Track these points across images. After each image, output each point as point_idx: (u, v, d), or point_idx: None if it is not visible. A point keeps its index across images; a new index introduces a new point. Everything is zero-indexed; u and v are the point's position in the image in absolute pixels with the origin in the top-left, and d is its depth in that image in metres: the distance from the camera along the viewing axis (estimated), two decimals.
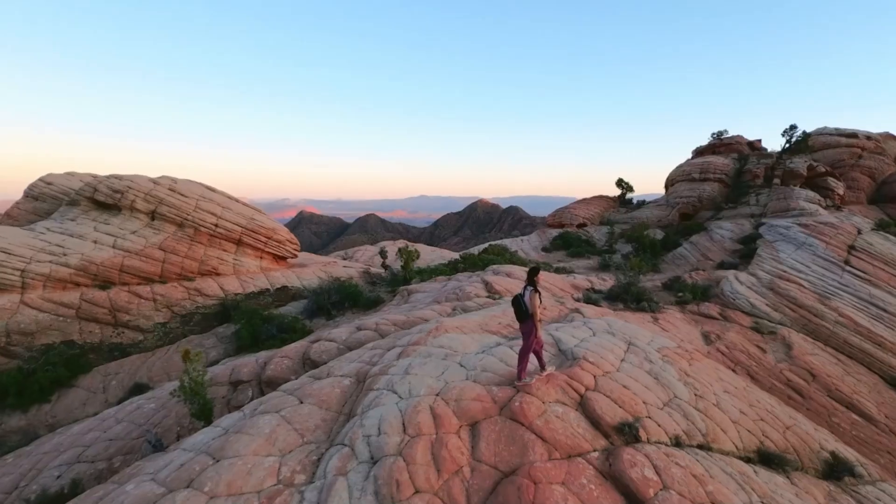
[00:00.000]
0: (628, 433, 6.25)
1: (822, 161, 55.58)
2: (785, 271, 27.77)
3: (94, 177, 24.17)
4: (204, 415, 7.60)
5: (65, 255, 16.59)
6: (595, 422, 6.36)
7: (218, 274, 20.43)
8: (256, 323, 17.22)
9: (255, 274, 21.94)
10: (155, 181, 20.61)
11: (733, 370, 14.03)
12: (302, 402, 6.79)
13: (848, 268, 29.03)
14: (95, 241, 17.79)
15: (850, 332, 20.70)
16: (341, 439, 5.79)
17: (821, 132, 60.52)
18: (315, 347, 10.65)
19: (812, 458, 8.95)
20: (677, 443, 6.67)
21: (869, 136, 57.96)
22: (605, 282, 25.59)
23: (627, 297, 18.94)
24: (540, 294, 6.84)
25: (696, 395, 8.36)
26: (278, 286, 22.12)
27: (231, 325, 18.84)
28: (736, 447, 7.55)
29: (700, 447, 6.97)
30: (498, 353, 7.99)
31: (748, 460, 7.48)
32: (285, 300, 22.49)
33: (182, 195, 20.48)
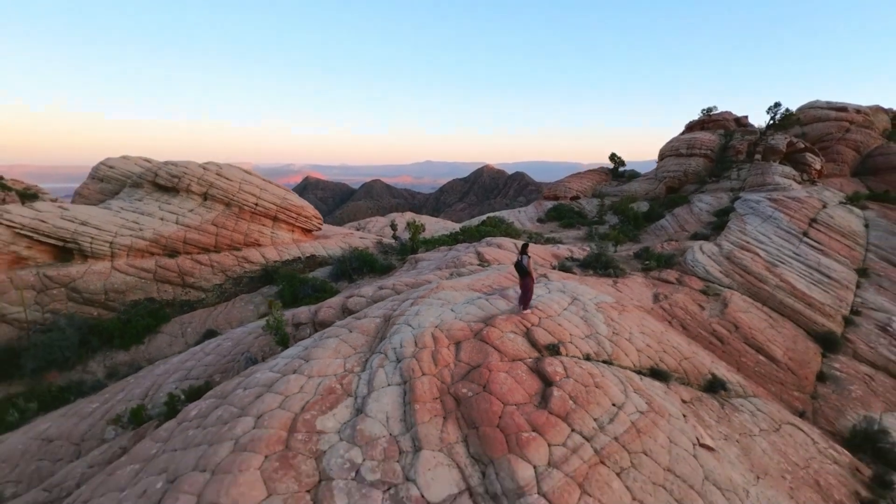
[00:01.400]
0: (553, 349, 9.80)
1: (810, 134, 57.16)
2: (748, 242, 30.98)
3: (147, 160, 27.59)
4: (283, 342, 11.26)
5: (140, 230, 20.21)
6: (533, 343, 9.92)
7: (259, 245, 24.10)
8: (296, 284, 20.89)
9: (289, 244, 25.59)
10: (204, 167, 24.08)
11: (669, 322, 17.50)
12: (351, 332, 10.39)
13: (805, 239, 32.25)
14: (162, 219, 21.39)
15: (786, 295, 24.11)
16: (378, 349, 9.39)
17: (811, 105, 61.21)
18: (350, 301, 14.24)
19: (698, 377, 12.52)
20: (587, 357, 10.23)
21: (858, 110, 58.40)
22: (586, 251, 29.00)
23: (597, 265, 22.38)
24: (531, 259, 10.65)
25: (613, 332, 11.88)
26: (308, 255, 25.78)
27: (273, 287, 22.54)
28: (633, 364, 11.11)
29: (604, 362, 10.52)
30: (477, 304, 11.53)
31: (640, 373, 11.04)
32: (314, 266, 26.13)
33: (227, 178, 23.99)
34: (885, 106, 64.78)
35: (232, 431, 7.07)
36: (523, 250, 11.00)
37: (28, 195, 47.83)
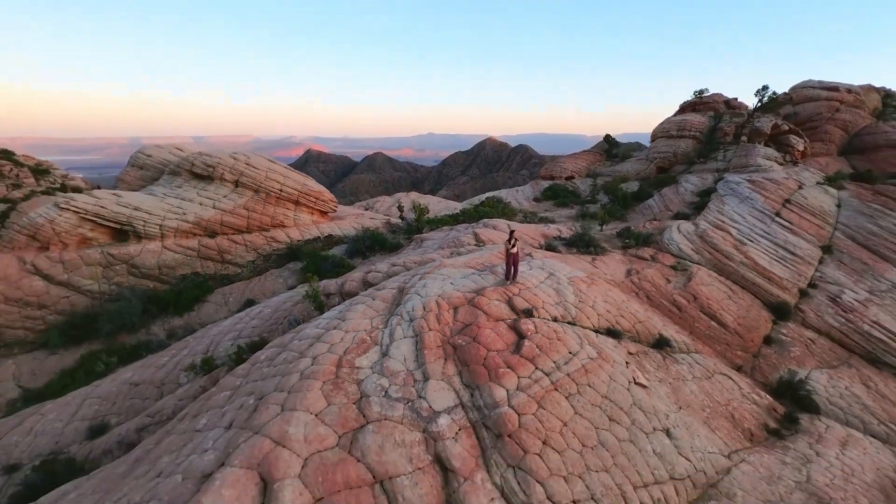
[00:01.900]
0: (528, 313, 12.74)
1: (802, 114, 58.29)
2: (723, 221, 33.55)
3: (180, 149, 30.32)
4: (320, 308, 14.26)
5: (184, 214, 23.09)
6: (513, 308, 12.86)
7: (284, 226, 26.97)
8: (318, 261, 23.81)
9: (309, 226, 28.46)
10: (234, 157, 26.79)
11: (636, 293, 20.36)
12: (374, 300, 13.36)
13: (777, 218, 34.81)
14: (201, 204, 24.25)
15: (748, 270, 26.86)
16: (396, 313, 12.34)
17: (804, 85, 61.89)
18: (369, 275, 17.19)
19: (648, 337, 15.48)
20: (555, 319, 13.18)
21: (849, 90, 58.69)
22: (573, 231, 31.75)
23: (580, 244, 25.10)
24: (518, 242, 13.53)
25: (579, 301, 14.82)
26: (326, 234, 28.66)
27: (297, 262, 25.47)
28: (593, 325, 14.06)
29: (569, 323, 13.47)
30: (471, 278, 14.46)
31: (597, 332, 14.01)
32: (331, 245, 28.98)
33: (255, 167, 26.74)
34: (879, 84, 65.30)
35: (296, 367, 10.07)
36: (511, 237, 13.88)
37: (40, 171, 50.76)
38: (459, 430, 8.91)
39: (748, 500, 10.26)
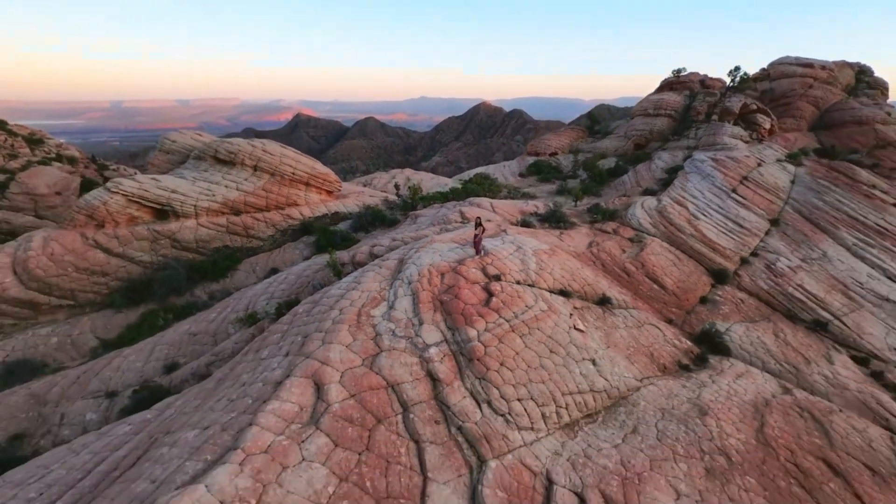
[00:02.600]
0: (497, 278, 16.67)
1: (777, 90, 60.28)
2: (683, 197, 37.26)
3: (200, 135, 33.58)
4: (338, 274, 18.16)
5: (213, 195, 26.63)
6: (486, 274, 16.81)
7: (297, 205, 30.56)
8: (328, 235, 27.56)
9: (318, 204, 32.04)
10: (251, 144, 30.11)
11: (593, 262, 24.37)
12: (381, 268, 17.24)
13: (733, 194, 38.56)
14: (226, 186, 27.75)
15: (697, 241, 30.81)
16: (398, 277, 16.25)
17: (781, 61, 63.48)
18: (374, 248, 21.05)
19: (594, 296, 19.51)
20: (518, 282, 17.16)
21: (824, 66, 59.72)
22: (549, 207, 35.55)
23: (553, 219, 28.93)
24: (483, 229, 17.28)
25: (540, 268, 18.77)
26: (333, 212, 32.27)
27: (310, 237, 29.22)
28: (549, 287, 18.06)
29: (528, 285, 17.46)
30: (455, 252, 18.33)
31: (551, 292, 18.03)
32: (337, 221, 32.61)
33: (270, 153, 30.12)
34: (854, 60, 66.71)
35: (329, 316, 14.02)
36: (478, 223, 17.73)
37: (34, 140, 53.72)
38: (444, 356, 12.94)
39: (647, 409, 14.50)
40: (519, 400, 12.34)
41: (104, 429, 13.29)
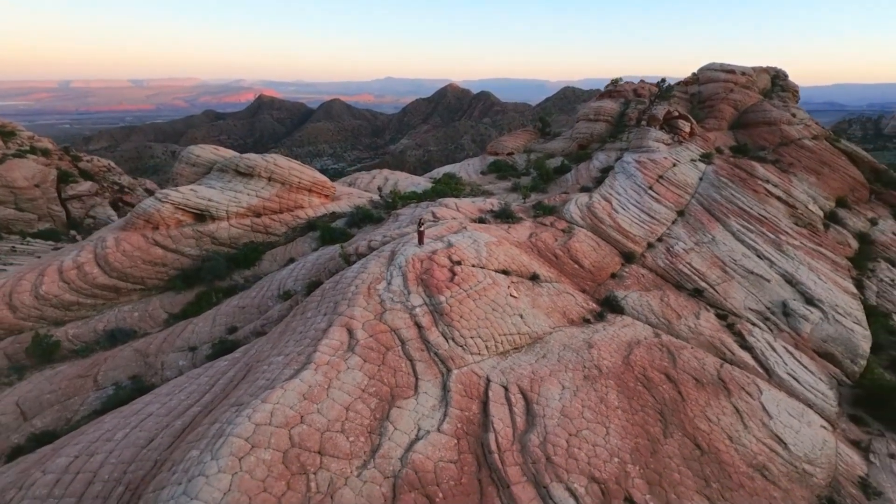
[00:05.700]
0: (458, 263, 23.45)
1: (704, 93, 66.71)
2: (610, 195, 44.36)
3: (217, 149, 39.03)
4: (347, 262, 24.68)
5: (239, 202, 32.42)
6: (451, 260, 23.41)
7: (303, 207, 36.48)
8: (330, 231, 33.81)
9: (319, 206, 38.00)
10: (265, 159, 35.81)
11: (531, 249, 31.51)
12: (379, 257, 23.68)
13: (649, 191, 45.91)
14: (248, 195, 33.51)
15: (614, 231, 38.10)
16: (392, 264, 22.67)
17: (709, 67, 69.76)
18: (371, 242, 27.46)
19: (527, 273, 26.41)
20: (473, 265, 23.99)
21: (743, 72, 65.48)
22: (501, 205, 42.46)
23: (503, 216, 35.79)
24: (423, 232, 23.95)
25: (489, 255, 25.60)
26: (331, 212, 38.19)
27: (315, 233, 35.36)
28: (494, 268, 24.82)
29: (480, 267, 24.30)
30: (429, 245, 25.19)
31: (496, 272, 24.96)
32: (335, 219, 38.58)
33: (280, 166, 35.87)
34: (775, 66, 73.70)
35: (349, 290, 20.58)
36: (420, 224, 24.59)
37: (6, 133, 56.18)
38: (425, 313, 19.63)
39: (554, 344, 21.64)
40: (472, 338, 19.24)
41: (205, 364, 19.64)
